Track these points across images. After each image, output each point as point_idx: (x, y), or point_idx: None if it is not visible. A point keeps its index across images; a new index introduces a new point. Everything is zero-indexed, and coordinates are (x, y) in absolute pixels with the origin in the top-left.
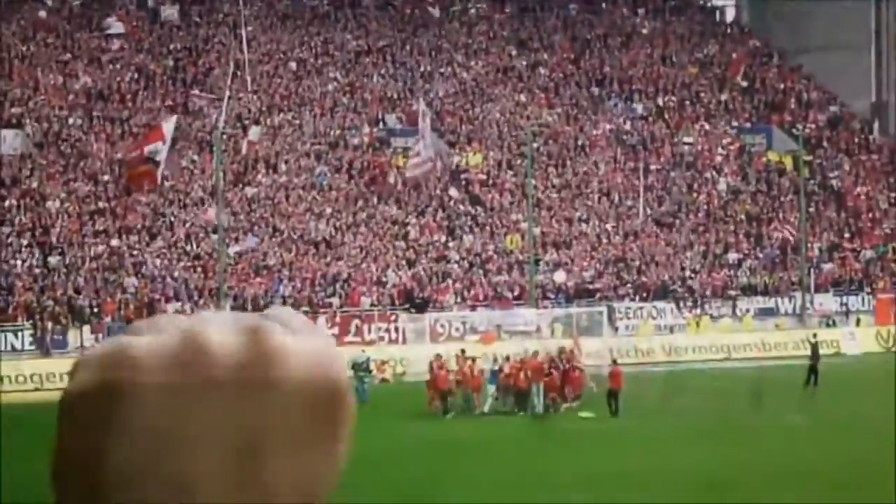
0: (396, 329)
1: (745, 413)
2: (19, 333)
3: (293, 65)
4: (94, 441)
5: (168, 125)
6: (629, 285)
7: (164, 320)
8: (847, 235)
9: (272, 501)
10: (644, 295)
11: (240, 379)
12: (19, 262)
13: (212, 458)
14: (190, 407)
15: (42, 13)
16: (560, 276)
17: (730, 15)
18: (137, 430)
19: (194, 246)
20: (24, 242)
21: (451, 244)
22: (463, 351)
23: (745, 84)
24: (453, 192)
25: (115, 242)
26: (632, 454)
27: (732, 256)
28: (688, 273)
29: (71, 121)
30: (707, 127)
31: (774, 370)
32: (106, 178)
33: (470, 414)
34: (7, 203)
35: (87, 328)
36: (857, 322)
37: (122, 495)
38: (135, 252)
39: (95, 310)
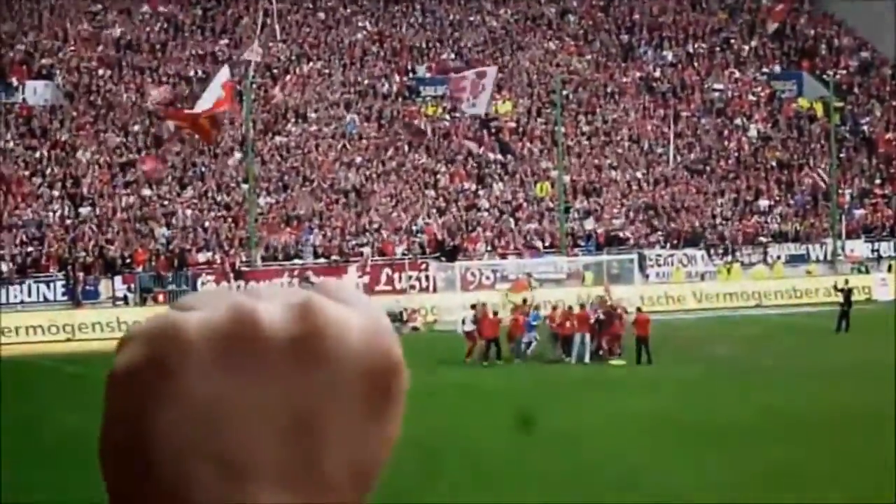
0: (427, 277)
1: (776, 359)
2: (51, 284)
3: (322, 14)
4: (142, 417)
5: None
6: (660, 232)
7: (213, 295)
8: (878, 182)
9: (326, 478)
10: (675, 242)
11: (291, 354)
12: (50, 213)
13: (263, 435)
14: (241, 383)
15: None
16: (590, 224)
17: None
18: (187, 407)
19: (225, 196)
20: (55, 193)
21: (481, 192)
22: (525, 300)
23: (777, 30)
24: (484, 140)
25: (146, 192)
26: (662, 400)
27: (763, 203)
28: (718, 220)
29: (101, 71)
30: (737, 74)
31: (806, 317)
32: (136, 128)
33: (511, 362)
34: (38, 154)
35: (118, 278)
36: (889, 268)
37: (171, 472)
38: (165, 202)
39: (127, 260)
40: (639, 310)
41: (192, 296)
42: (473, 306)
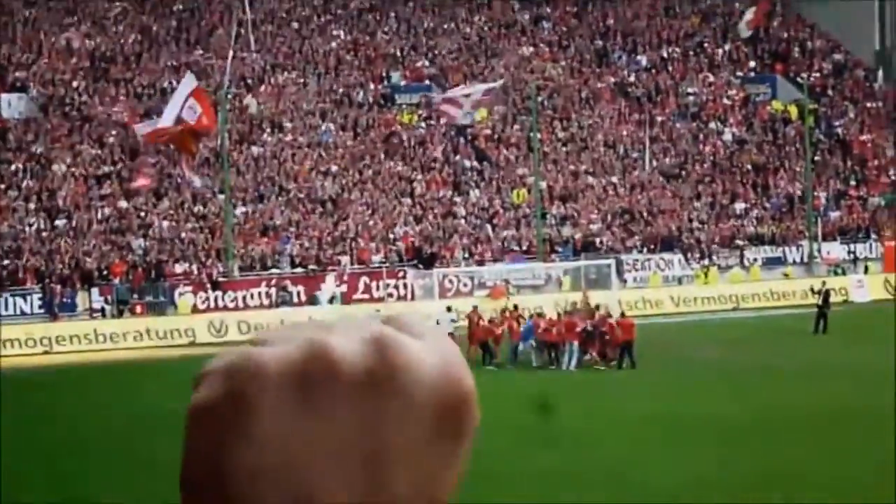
0: (405, 286)
1: (756, 360)
2: (28, 297)
3: (296, 24)
4: (220, 452)
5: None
6: (636, 237)
7: (289, 330)
8: (853, 184)
9: None
10: (651, 247)
11: (366, 389)
12: (27, 226)
13: (338, 470)
14: (317, 419)
15: None
16: (567, 230)
17: None
18: (264, 441)
19: (201, 206)
20: (31, 206)
21: (457, 199)
22: (515, 307)
23: (750, 34)
24: (459, 147)
25: (122, 204)
26: (647, 402)
27: (739, 206)
28: (695, 224)
29: (75, 84)
30: (711, 77)
31: (783, 319)
32: (111, 140)
33: (504, 367)
34: (13, 167)
35: (95, 290)
36: (866, 269)
37: None
38: (142, 214)
39: (104, 272)
40: (622, 315)
41: (270, 331)
42: (449, 309)
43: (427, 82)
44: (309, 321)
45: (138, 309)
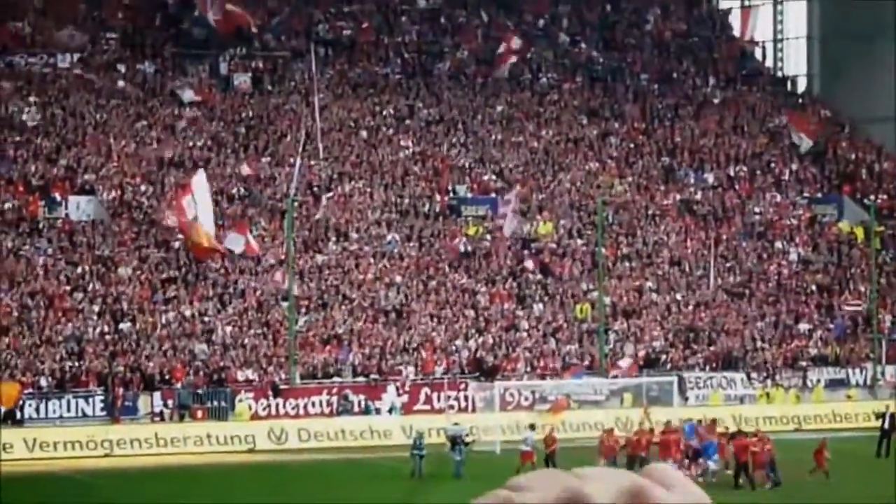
0: (466, 397)
1: (819, 485)
2: (90, 399)
3: (364, 133)
4: None
5: (197, 179)
6: (699, 355)
7: (543, 477)
8: None
9: None
10: (714, 365)
11: None
12: (90, 329)
13: None
14: None
15: (118, 81)
16: (630, 347)
17: (801, 85)
18: None
19: (265, 314)
20: (96, 309)
21: (520, 313)
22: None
23: (817, 154)
24: (525, 262)
25: (186, 310)
26: None
27: (803, 327)
28: (758, 343)
29: (143, 188)
30: (778, 197)
31: (846, 442)
32: (177, 245)
33: None
34: (79, 269)
35: (157, 394)
36: None
37: None
38: (206, 319)
39: (166, 376)
40: (739, 432)
41: (523, 477)
42: (532, 427)
43: (493, 195)
44: (558, 470)
45: (199, 414)
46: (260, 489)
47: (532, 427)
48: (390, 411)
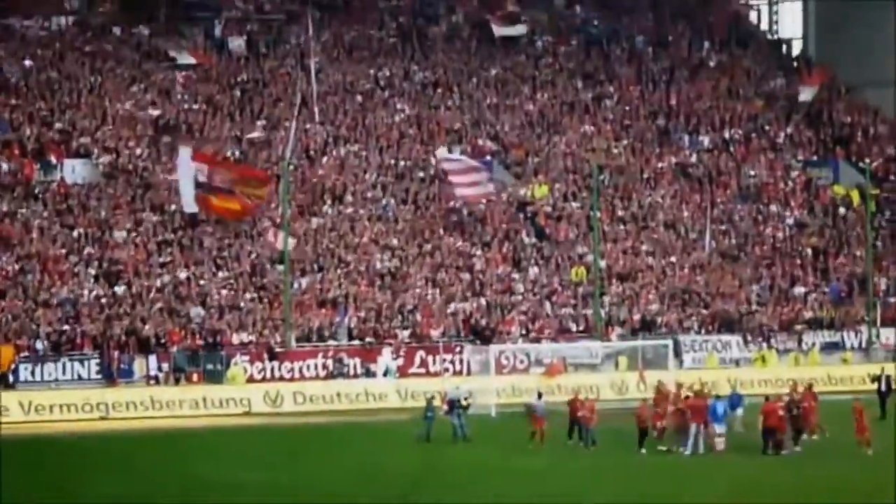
0: (461, 361)
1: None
2: (86, 362)
3: (359, 97)
4: None
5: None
6: (695, 318)
7: None
8: None
9: None
10: (710, 328)
11: None
12: (86, 292)
13: None
14: None
15: (111, 45)
16: (625, 310)
17: (796, 48)
18: None
19: (259, 277)
20: (92, 272)
21: (516, 276)
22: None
23: (813, 117)
24: (519, 224)
25: (182, 273)
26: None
27: (798, 290)
28: (754, 306)
29: (139, 151)
30: (773, 160)
31: (842, 404)
32: (173, 208)
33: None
34: (75, 232)
35: (152, 357)
36: None
37: None
38: (201, 283)
39: (161, 340)
40: (767, 398)
41: None
42: (540, 395)
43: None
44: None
45: (195, 377)
46: (256, 451)
47: (540, 395)
48: (385, 374)
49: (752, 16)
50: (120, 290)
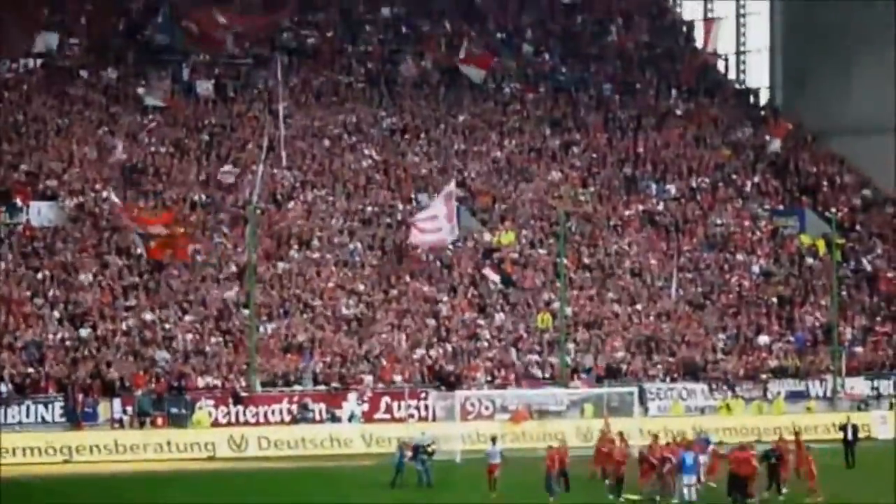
0: (426, 407)
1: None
2: (50, 405)
3: (327, 141)
4: None
5: None
6: (660, 366)
7: None
8: (879, 320)
9: None
10: (675, 376)
11: None
12: (51, 334)
13: None
14: None
15: (79, 88)
16: (590, 358)
17: (763, 97)
18: None
19: (225, 321)
20: (56, 315)
21: (482, 322)
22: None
23: (779, 166)
24: (486, 270)
25: (147, 316)
26: None
27: (764, 339)
28: (719, 355)
29: (105, 194)
30: (740, 209)
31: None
32: (139, 251)
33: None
34: (40, 275)
35: (117, 401)
36: (890, 406)
37: None
38: (167, 326)
39: (126, 383)
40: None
41: None
42: (494, 440)
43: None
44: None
45: (159, 421)
46: (220, 496)
47: (494, 440)
48: (350, 419)
49: (720, 65)
50: (85, 332)
